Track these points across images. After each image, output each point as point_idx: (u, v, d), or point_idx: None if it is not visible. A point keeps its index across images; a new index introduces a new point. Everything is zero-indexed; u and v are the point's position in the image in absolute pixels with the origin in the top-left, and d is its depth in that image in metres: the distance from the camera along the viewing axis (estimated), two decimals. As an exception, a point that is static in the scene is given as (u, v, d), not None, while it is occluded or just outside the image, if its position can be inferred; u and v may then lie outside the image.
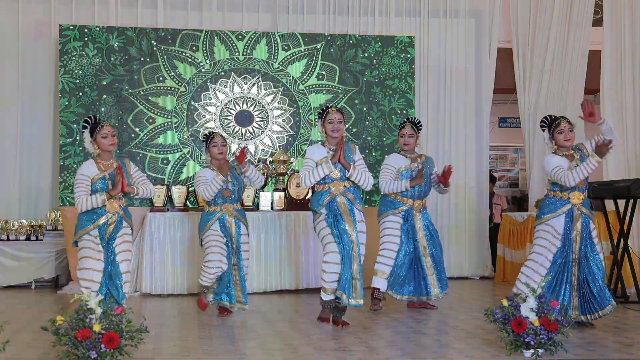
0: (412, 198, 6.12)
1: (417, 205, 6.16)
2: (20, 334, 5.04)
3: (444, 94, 9.01)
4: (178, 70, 8.13)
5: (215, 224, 5.80)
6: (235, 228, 5.82)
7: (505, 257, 8.46)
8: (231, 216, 5.82)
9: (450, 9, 9.06)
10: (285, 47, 8.33)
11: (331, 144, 5.47)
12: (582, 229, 5.27)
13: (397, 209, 6.11)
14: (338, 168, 5.40)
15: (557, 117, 5.42)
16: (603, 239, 6.98)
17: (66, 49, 7.95)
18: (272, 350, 4.57)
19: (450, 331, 5.26)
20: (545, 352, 4.19)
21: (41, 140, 8.40)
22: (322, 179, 5.41)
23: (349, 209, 5.37)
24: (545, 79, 8.99)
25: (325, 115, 5.45)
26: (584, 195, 5.36)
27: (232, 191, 5.85)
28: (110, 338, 3.84)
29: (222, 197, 5.82)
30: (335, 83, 8.37)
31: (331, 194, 5.39)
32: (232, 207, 5.85)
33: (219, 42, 8.22)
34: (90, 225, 5.11)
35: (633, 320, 5.77)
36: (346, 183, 5.43)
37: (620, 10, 8.28)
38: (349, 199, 5.41)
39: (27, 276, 7.82)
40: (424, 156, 6.32)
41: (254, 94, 8.27)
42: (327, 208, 5.37)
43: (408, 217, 6.13)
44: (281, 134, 8.30)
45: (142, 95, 8.04)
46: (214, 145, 5.87)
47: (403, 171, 6.13)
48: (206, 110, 8.18)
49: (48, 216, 8.08)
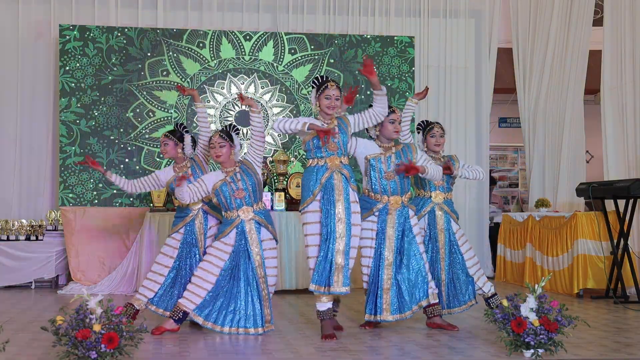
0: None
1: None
2: (20, 334, 5.04)
3: (444, 94, 9.01)
4: (183, 65, 8.15)
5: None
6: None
7: (505, 257, 8.47)
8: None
9: (450, 9, 9.07)
10: (292, 51, 8.34)
11: (325, 119, 4.97)
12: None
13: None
14: (336, 140, 4.91)
15: (431, 122, 5.60)
16: (603, 239, 6.99)
17: (66, 49, 7.96)
18: (272, 350, 4.57)
19: (450, 331, 5.25)
20: (545, 352, 4.19)
21: (41, 140, 8.40)
22: (317, 151, 4.94)
23: (344, 189, 4.91)
24: (545, 79, 8.99)
25: (323, 88, 4.92)
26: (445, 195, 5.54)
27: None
28: (110, 338, 3.83)
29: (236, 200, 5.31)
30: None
31: (329, 169, 4.91)
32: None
33: (226, 41, 8.24)
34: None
35: (633, 320, 5.77)
36: (343, 158, 4.97)
37: (620, 10, 8.27)
38: (345, 176, 4.94)
39: (27, 276, 7.82)
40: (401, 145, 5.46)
41: (251, 93, 8.28)
42: (323, 190, 4.89)
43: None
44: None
45: (144, 87, 8.05)
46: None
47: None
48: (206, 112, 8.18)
49: (48, 216, 8.08)
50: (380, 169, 5.14)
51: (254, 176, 5.16)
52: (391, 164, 5.15)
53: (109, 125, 8.02)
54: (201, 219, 5.46)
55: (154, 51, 8.10)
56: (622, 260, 6.77)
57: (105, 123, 8.01)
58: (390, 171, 5.14)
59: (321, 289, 4.84)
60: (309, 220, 4.92)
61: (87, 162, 5.46)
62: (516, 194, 12.21)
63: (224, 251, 5.13)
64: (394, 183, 5.15)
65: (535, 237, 7.75)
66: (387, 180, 5.14)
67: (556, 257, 7.33)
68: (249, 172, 5.15)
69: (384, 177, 5.14)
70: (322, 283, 4.84)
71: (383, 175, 5.14)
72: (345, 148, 5.01)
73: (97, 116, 7.99)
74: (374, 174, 5.16)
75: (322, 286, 4.84)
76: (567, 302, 6.08)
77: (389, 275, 5.09)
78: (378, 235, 5.15)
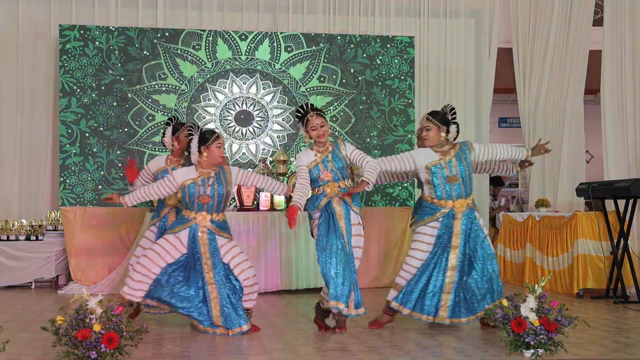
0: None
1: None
2: (20, 334, 5.04)
3: (443, 94, 9.01)
4: (180, 68, 8.14)
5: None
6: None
7: (505, 257, 8.46)
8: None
9: (450, 9, 9.07)
10: (288, 49, 8.33)
11: (319, 147, 5.20)
12: None
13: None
14: (330, 169, 5.15)
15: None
16: (603, 239, 6.99)
17: (66, 49, 7.96)
18: (272, 350, 4.57)
19: (450, 331, 5.26)
20: (545, 352, 4.19)
21: (41, 140, 8.40)
22: (315, 182, 5.18)
23: (345, 213, 5.13)
24: (545, 79, 8.98)
25: (306, 121, 5.14)
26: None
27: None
28: (110, 338, 3.84)
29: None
30: (336, 86, 8.38)
31: (327, 196, 5.15)
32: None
33: (221, 41, 8.23)
34: None
35: (633, 320, 5.77)
36: (341, 183, 5.16)
37: (620, 10, 8.27)
38: (346, 202, 5.17)
39: (27, 276, 7.82)
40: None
41: (253, 93, 8.28)
42: (322, 212, 5.15)
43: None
44: (282, 132, 8.31)
45: (143, 92, 8.05)
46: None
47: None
48: (206, 111, 8.18)
49: (48, 216, 8.08)
50: (443, 174, 5.19)
51: (225, 186, 5.13)
52: (453, 167, 5.19)
53: (109, 126, 8.02)
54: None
55: (153, 53, 8.09)
56: (622, 260, 6.76)
57: (105, 123, 8.01)
58: (452, 175, 5.18)
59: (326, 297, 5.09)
60: (314, 226, 5.23)
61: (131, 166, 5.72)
62: (516, 194, 12.22)
63: (174, 249, 5.10)
64: (458, 186, 5.19)
65: (535, 237, 7.75)
66: (451, 185, 5.18)
67: (556, 257, 7.33)
68: (222, 181, 5.13)
69: (447, 181, 5.18)
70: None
71: (446, 180, 5.18)
72: (342, 173, 5.18)
73: (97, 116, 7.99)
74: (437, 180, 5.21)
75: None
76: (567, 302, 6.08)
77: (451, 278, 5.13)
78: (441, 239, 5.19)
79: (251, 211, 7.49)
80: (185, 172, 5.14)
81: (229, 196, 5.20)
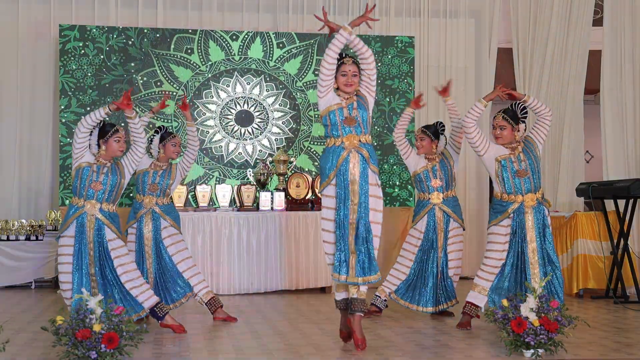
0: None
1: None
2: (20, 334, 5.04)
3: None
4: (175, 73, 8.13)
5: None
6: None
7: (505, 257, 8.45)
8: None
9: (450, 9, 9.07)
10: (280, 45, 8.33)
11: (343, 98, 4.70)
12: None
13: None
14: (354, 116, 4.63)
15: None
16: (603, 239, 6.99)
17: (66, 49, 7.96)
18: (272, 350, 4.57)
19: (450, 331, 5.26)
20: (545, 352, 4.19)
21: (41, 140, 8.40)
22: (334, 129, 4.65)
23: (361, 171, 4.59)
24: (545, 79, 8.98)
25: (339, 65, 4.74)
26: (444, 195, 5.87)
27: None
28: (110, 338, 3.84)
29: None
30: (335, 79, 8.37)
31: (345, 150, 4.58)
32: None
33: (213, 43, 8.22)
34: None
35: (633, 320, 5.77)
36: (362, 137, 4.63)
37: (620, 10, 8.28)
38: (364, 156, 4.60)
39: (27, 276, 7.82)
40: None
41: (256, 94, 8.28)
42: (337, 176, 4.58)
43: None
44: (279, 136, 8.31)
45: (140, 101, 8.04)
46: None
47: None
48: (206, 107, 8.18)
49: (48, 216, 8.08)
50: (512, 168, 5.17)
51: (119, 177, 5.08)
52: (522, 162, 5.17)
53: (108, 126, 8.01)
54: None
55: (146, 60, 8.06)
56: (622, 260, 6.76)
57: (105, 123, 8.00)
58: (522, 169, 5.17)
59: (336, 277, 4.58)
60: (325, 205, 4.69)
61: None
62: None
63: (68, 246, 5.00)
64: (528, 181, 5.17)
65: (535, 237, 7.73)
66: (521, 179, 5.16)
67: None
68: (115, 171, 5.09)
69: (516, 175, 5.16)
70: (338, 271, 4.56)
71: (515, 174, 5.16)
72: (365, 125, 4.69)
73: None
74: (506, 174, 5.18)
75: (338, 274, 4.57)
76: (567, 302, 6.07)
77: (535, 273, 5.11)
78: (516, 235, 5.17)
79: (251, 211, 7.49)
80: (86, 156, 5.07)
81: (122, 188, 5.15)
